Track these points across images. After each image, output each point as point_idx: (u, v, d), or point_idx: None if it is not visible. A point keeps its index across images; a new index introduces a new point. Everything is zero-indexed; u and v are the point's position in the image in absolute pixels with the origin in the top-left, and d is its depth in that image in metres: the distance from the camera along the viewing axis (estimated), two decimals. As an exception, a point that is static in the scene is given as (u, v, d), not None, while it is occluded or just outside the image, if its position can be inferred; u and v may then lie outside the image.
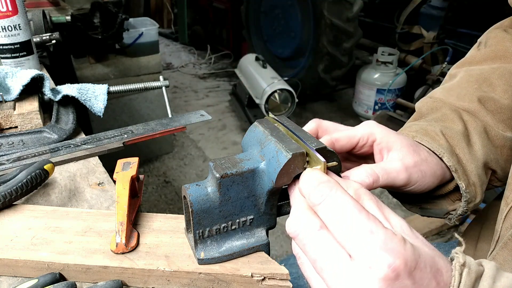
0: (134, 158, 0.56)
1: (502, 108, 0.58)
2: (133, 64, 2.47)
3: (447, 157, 0.52)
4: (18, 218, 0.52)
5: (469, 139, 0.55)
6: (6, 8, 0.86)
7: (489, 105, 0.58)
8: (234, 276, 0.44)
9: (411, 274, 0.30)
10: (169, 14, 5.62)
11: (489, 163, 0.55)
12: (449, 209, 0.56)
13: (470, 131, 0.56)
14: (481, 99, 0.58)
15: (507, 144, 0.57)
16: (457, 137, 0.54)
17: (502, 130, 0.57)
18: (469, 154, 0.53)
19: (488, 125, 0.57)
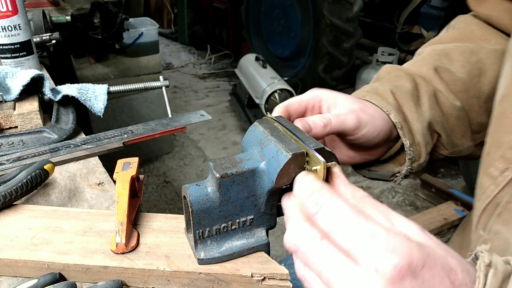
0: (134, 158, 0.56)
1: (456, 80, 0.59)
2: (133, 64, 2.47)
3: (394, 114, 0.54)
4: (18, 218, 0.52)
5: (418, 99, 0.56)
6: (6, 8, 0.86)
7: (444, 75, 0.60)
8: (234, 276, 0.44)
9: (420, 273, 0.29)
10: (169, 14, 5.62)
11: (434, 125, 0.56)
12: (395, 171, 0.59)
13: (420, 92, 0.57)
14: (438, 68, 0.60)
15: (454, 113, 0.58)
16: (406, 96, 0.56)
17: (452, 99, 0.58)
18: (415, 113, 0.55)
19: (439, 91, 0.58)
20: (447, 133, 0.58)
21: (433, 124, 0.57)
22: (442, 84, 0.59)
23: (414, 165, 0.57)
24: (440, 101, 0.58)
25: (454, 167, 2.72)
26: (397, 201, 2.45)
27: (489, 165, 0.50)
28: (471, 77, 0.60)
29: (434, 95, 0.58)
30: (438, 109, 0.57)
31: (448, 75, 0.60)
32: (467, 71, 0.60)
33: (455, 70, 0.60)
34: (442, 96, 0.58)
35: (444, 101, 0.58)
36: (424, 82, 0.59)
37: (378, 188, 2.55)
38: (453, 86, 0.59)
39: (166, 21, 5.71)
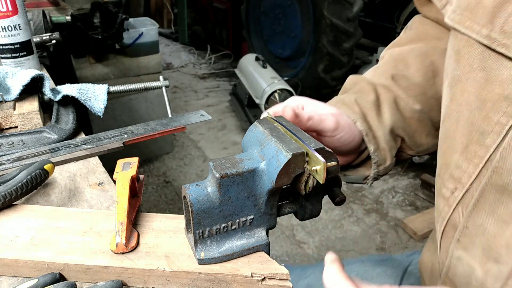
0: (134, 158, 0.56)
1: (413, 85, 0.63)
2: (133, 64, 2.47)
3: (360, 123, 0.59)
4: (18, 218, 0.52)
5: (379, 109, 0.61)
6: (6, 8, 0.86)
7: (401, 82, 0.64)
8: (234, 276, 0.44)
9: None
10: (169, 14, 5.62)
11: (396, 130, 0.61)
12: (365, 174, 0.64)
13: (381, 101, 0.62)
14: (394, 76, 0.64)
15: (415, 116, 0.62)
16: (369, 106, 0.60)
17: (411, 103, 0.62)
18: (378, 121, 0.60)
19: (399, 98, 0.63)
20: (409, 135, 0.62)
21: (395, 129, 0.61)
22: (400, 90, 0.63)
23: (380, 168, 0.62)
24: (400, 107, 0.62)
25: (454, 167, 2.72)
26: (397, 201, 2.45)
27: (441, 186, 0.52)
28: (426, 79, 0.63)
29: (394, 102, 0.62)
30: (399, 115, 0.62)
31: (405, 81, 0.64)
32: (423, 74, 0.64)
33: (411, 75, 0.64)
34: (402, 102, 0.62)
35: (404, 107, 0.62)
36: (385, 91, 0.63)
37: (378, 188, 2.55)
38: (411, 91, 0.63)
39: (166, 21, 5.70)
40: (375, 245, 2.12)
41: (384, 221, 2.29)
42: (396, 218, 2.30)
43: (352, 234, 2.19)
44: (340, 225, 2.26)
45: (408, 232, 2.18)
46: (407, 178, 2.65)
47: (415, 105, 0.62)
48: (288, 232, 2.20)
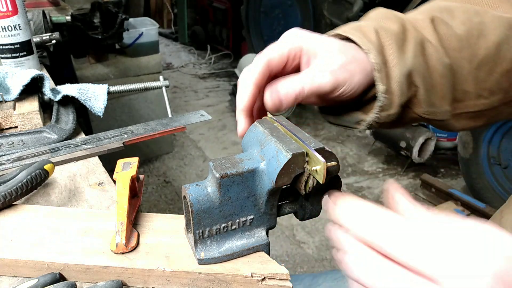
0: (134, 158, 0.56)
1: (451, 36, 0.54)
2: (133, 64, 2.47)
3: (374, 55, 0.49)
4: (18, 218, 0.52)
5: (403, 44, 0.51)
6: (6, 8, 0.86)
7: (440, 28, 0.54)
8: (234, 276, 0.44)
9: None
10: (169, 14, 5.62)
11: (415, 76, 0.51)
12: (360, 118, 0.54)
13: (407, 37, 0.52)
14: (435, 19, 0.55)
15: (439, 69, 0.53)
16: (390, 37, 0.51)
17: (441, 54, 0.53)
18: (397, 57, 0.50)
19: (428, 42, 0.53)
20: (426, 88, 0.53)
21: (414, 74, 0.51)
22: (434, 35, 0.54)
23: (382, 114, 0.52)
24: (427, 52, 0.53)
25: (454, 167, 2.72)
26: (397, 201, 2.44)
27: None
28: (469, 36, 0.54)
29: (421, 44, 0.52)
30: (422, 59, 0.52)
31: (444, 28, 0.54)
32: (467, 29, 0.54)
33: (454, 25, 0.54)
34: (431, 48, 0.53)
35: (431, 53, 0.53)
36: (414, 29, 0.54)
37: (378, 188, 2.55)
38: (447, 41, 0.54)
39: (166, 21, 5.70)
40: (375, 245, 2.12)
41: (384, 221, 2.29)
42: (396, 218, 2.30)
43: (352, 234, 2.19)
44: (340, 225, 2.25)
45: (408, 232, 2.18)
46: (407, 178, 2.65)
47: (444, 57, 0.53)
48: (288, 232, 2.20)
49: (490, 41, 0.53)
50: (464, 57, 0.54)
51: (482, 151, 2.20)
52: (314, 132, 3.21)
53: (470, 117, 0.57)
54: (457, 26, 0.54)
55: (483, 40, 0.54)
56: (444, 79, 0.53)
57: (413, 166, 2.70)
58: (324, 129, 3.27)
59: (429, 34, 0.53)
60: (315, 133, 3.21)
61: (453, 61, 0.53)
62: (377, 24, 0.52)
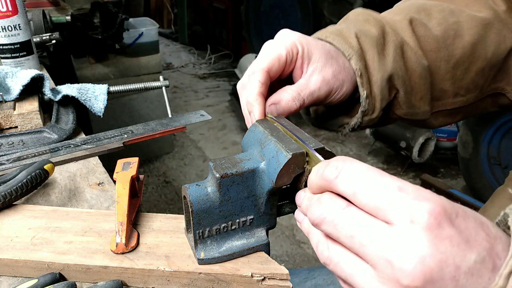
0: (134, 158, 0.56)
1: (429, 37, 0.55)
2: (133, 64, 2.47)
3: (355, 60, 0.50)
4: (18, 218, 0.52)
5: (383, 48, 0.53)
6: (6, 8, 0.86)
7: (419, 29, 0.56)
8: (234, 276, 0.44)
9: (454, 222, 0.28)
10: (169, 14, 5.62)
11: (395, 79, 0.53)
12: (343, 122, 0.56)
13: (386, 41, 0.53)
14: (413, 20, 0.56)
15: (418, 70, 0.54)
16: (371, 42, 0.52)
17: (419, 56, 0.54)
18: (378, 62, 0.51)
19: (407, 44, 0.54)
20: (406, 90, 0.54)
21: (394, 78, 0.53)
22: (413, 37, 0.55)
23: (365, 118, 0.54)
24: (407, 55, 0.54)
25: (454, 167, 2.72)
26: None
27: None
28: (445, 37, 0.56)
29: (401, 47, 0.54)
30: (402, 62, 0.53)
31: (422, 30, 0.56)
32: (443, 30, 0.56)
33: (431, 26, 0.56)
34: (410, 50, 0.54)
35: (410, 56, 0.54)
36: (393, 32, 0.55)
37: (378, 188, 2.55)
38: (425, 42, 0.55)
39: (166, 21, 5.70)
40: (375, 245, 2.12)
41: (384, 221, 2.29)
42: (396, 218, 2.30)
43: (352, 234, 2.19)
44: (340, 225, 2.25)
45: (408, 232, 2.18)
46: (407, 178, 2.65)
47: (423, 59, 0.55)
48: (288, 232, 2.20)
49: (465, 41, 0.55)
50: (442, 58, 0.55)
51: (482, 151, 2.21)
52: (314, 132, 3.21)
53: (447, 114, 0.59)
54: (434, 27, 0.55)
55: (459, 40, 0.55)
56: (423, 80, 0.55)
57: (413, 166, 2.70)
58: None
59: (408, 37, 0.55)
60: (315, 133, 3.21)
61: (431, 62, 0.55)
62: (357, 28, 0.53)
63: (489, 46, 0.56)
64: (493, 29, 0.56)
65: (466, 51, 0.55)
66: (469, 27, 0.55)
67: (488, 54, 0.56)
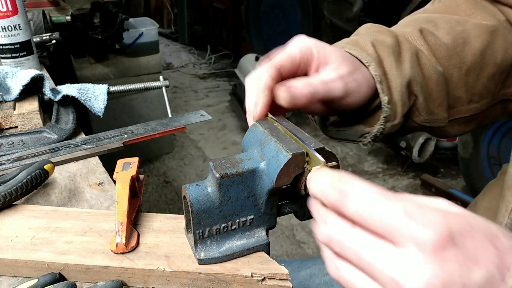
0: (134, 158, 0.56)
1: (440, 45, 0.57)
2: (133, 64, 2.47)
3: (374, 67, 0.51)
4: (18, 218, 0.52)
5: (399, 56, 0.53)
6: (6, 8, 0.86)
7: (429, 38, 0.57)
8: (234, 276, 0.44)
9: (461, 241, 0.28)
10: (169, 14, 5.62)
11: (413, 85, 0.53)
12: (364, 131, 0.55)
13: (402, 49, 0.54)
14: (423, 30, 0.57)
15: (434, 77, 0.55)
16: (387, 50, 0.53)
17: (434, 62, 0.56)
18: (396, 69, 0.52)
19: (421, 52, 0.56)
20: (425, 96, 0.55)
21: (413, 84, 0.53)
22: (425, 45, 0.56)
23: (387, 125, 0.54)
24: (422, 62, 0.55)
25: (454, 167, 2.72)
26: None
27: None
28: (455, 44, 0.57)
29: (416, 54, 0.55)
30: (419, 69, 0.54)
31: (432, 39, 0.57)
32: (452, 38, 0.57)
33: (440, 35, 0.57)
34: (424, 58, 0.55)
35: (425, 63, 0.55)
36: (406, 41, 0.56)
37: (378, 188, 2.55)
38: (437, 50, 0.57)
39: (166, 21, 5.70)
40: (375, 245, 2.12)
41: (384, 221, 2.29)
42: (396, 218, 2.30)
43: (352, 234, 2.19)
44: (340, 225, 2.26)
45: (408, 232, 2.18)
46: (407, 178, 2.65)
47: (437, 65, 0.56)
48: (288, 232, 2.20)
49: (475, 48, 0.56)
50: (454, 65, 0.56)
51: (482, 151, 2.20)
52: (314, 132, 3.21)
53: (463, 122, 0.60)
54: (443, 36, 0.57)
55: (468, 47, 0.57)
56: (439, 87, 0.55)
57: (413, 166, 2.70)
58: (324, 129, 3.27)
59: (421, 45, 0.56)
60: (315, 133, 3.21)
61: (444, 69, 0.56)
62: (373, 38, 0.54)
63: (497, 51, 0.57)
64: (499, 35, 0.57)
65: (476, 58, 0.56)
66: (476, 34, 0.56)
67: (497, 59, 0.57)
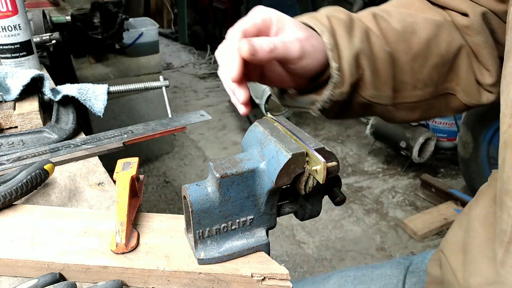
0: (134, 158, 0.56)
1: (390, 30, 0.61)
2: (133, 64, 2.47)
3: (327, 37, 0.56)
4: (18, 218, 0.52)
5: (351, 30, 0.58)
6: (6, 8, 0.86)
7: (381, 22, 0.62)
8: (234, 276, 0.44)
9: None
10: (169, 14, 5.62)
11: (361, 59, 0.58)
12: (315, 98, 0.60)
13: (354, 25, 0.59)
14: (376, 15, 0.62)
15: (382, 55, 0.59)
16: (340, 23, 0.58)
17: (383, 43, 0.60)
18: (346, 40, 0.57)
19: (372, 31, 0.60)
20: (372, 71, 0.59)
21: (361, 57, 0.57)
22: (376, 27, 0.61)
23: (336, 91, 0.57)
24: (372, 40, 0.59)
25: (454, 167, 2.72)
26: (397, 201, 2.45)
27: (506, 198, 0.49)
28: (404, 31, 0.61)
29: (366, 32, 0.59)
30: (368, 45, 0.59)
31: (384, 23, 0.62)
32: (402, 26, 0.62)
33: (392, 22, 0.62)
34: (374, 36, 0.60)
35: (375, 41, 0.59)
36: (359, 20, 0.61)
37: (378, 188, 2.55)
38: (387, 34, 0.61)
39: (166, 21, 5.70)
40: (375, 245, 2.12)
41: (384, 221, 2.29)
42: (396, 218, 2.30)
43: (352, 234, 2.19)
44: (340, 225, 2.26)
45: (408, 232, 2.18)
46: (407, 178, 2.65)
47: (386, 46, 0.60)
48: (288, 232, 2.20)
49: (421, 37, 0.61)
50: (401, 49, 0.61)
51: (482, 151, 2.21)
52: (314, 132, 3.22)
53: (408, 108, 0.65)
54: (394, 23, 0.62)
55: (415, 36, 0.62)
56: (386, 65, 0.60)
57: (413, 166, 2.70)
58: (324, 129, 3.28)
59: (372, 26, 0.61)
60: (315, 133, 3.21)
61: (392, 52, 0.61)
62: (328, 13, 0.60)
63: (441, 43, 0.62)
64: (445, 29, 0.62)
65: (422, 46, 0.61)
66: (424, 26, 0.62)
67: (441, 50, 0.62)
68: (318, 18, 0.58)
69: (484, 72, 0.63)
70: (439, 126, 2.71)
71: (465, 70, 0.64)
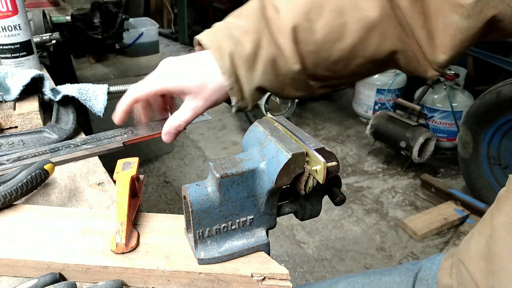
0: (134, 158, 0.56)
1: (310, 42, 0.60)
2: (133, 64, 2.47)
3: (226, 78, 0.61)
4: (18, 218, 0.52)
5: (253, 64, 0.61)
6: (6, 8, 0.86)
7: (301, 35, 0.60)
8: (234, 276, 0.44)
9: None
10: (169, 14, 5.62)
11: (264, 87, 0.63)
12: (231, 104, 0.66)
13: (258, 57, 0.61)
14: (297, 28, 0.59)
15: (290, 75, 0.62)
16: (242, 60, 0.61)
17: (292, 62, 0.60)
18: (246, 78, 0.61)
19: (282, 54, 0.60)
20: (278, 90, 0.64)
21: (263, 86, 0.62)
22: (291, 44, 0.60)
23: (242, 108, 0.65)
24: (278, 65, 0.61)
25: (454, 167, 2.72)
26: (397, 201, 2.45)
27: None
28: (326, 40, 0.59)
29: (272, 59, 0.61)
30: (272, 73, 0.61)
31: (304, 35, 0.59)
32: (325, 34, 0.59)
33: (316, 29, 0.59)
34: (282, 60, 0.61)
35: (282, 66, 0.61)
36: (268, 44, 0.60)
37: (378, 188, 2.55)
38: (305, 46, 0.60)
39: (166, 21, 5.70)
40: (375, 245, 2.12)
41: (384, 221, 2.29)
42: (396, 218, 2.30)
43: (352, 234, 2.19)
44: (340, 225, 2.26)
45: (408, 232, 2.18)
46: (407, 178, 2.65)
47: (295, 65, 0.60)
48: (288, 232, 2.20)
49: (346, 44, 0.59)
50: (321, 57, 0.61)
51: (482, 151, 2.21)
52: (314, 132, 3.22)
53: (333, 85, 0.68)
54: (317, 30, 0.59)
55: (339, 43, 0.59)
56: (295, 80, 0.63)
57: (413, 166, 2.70)
58: (324, 129, 3.28)
59: (286, 44, 0.60)
60: (315, 133, 3.21)
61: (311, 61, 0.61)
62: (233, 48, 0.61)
63: (368, 47, 0.60)
64: (377, 31, 0.58)
65: (345, 53, 0.60)
66: (353, 29, 0.58)
67: (367, 53, 0.60)
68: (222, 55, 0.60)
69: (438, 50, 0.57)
70: (439, 126, 2.72)
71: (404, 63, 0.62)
